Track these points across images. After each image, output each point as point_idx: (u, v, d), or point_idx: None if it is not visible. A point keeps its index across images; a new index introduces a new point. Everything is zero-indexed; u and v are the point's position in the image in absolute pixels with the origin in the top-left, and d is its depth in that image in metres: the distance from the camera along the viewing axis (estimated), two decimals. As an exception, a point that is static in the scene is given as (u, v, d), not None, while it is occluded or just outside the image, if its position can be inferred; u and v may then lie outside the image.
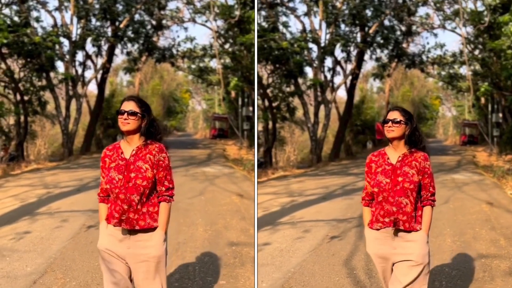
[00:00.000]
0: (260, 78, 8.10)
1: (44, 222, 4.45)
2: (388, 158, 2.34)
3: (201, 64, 8.88)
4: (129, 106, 2.22)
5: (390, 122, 2.29)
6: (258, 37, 7.43)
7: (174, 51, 8.78)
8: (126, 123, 2.21)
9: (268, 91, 8.34)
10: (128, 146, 2.27)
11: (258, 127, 8.50)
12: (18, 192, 5.59)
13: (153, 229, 2.24)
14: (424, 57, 9.85)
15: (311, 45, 8.30)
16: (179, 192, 5.37)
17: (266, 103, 8.25)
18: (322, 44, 8.33)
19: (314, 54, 8.38)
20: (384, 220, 2.28)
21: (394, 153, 2.34)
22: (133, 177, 2.20)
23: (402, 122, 2.29)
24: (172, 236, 4.00)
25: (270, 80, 8.39)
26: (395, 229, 2.28)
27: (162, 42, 8.85)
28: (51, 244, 3.89)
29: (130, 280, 2.30)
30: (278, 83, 8.46)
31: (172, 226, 4.33)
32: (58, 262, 3.51)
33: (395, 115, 2.30)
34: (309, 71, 8.49)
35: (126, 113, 2.20)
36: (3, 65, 8.18)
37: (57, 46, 8.25)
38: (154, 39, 8.66)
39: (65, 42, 8.44)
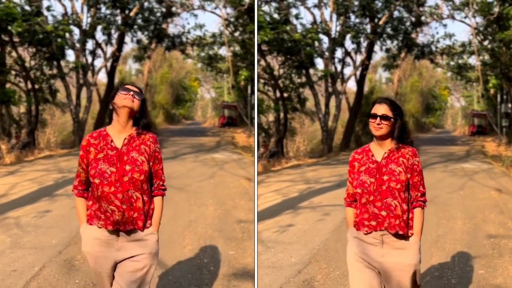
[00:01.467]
0: (272, 69, 8.54)
1: (307, 216, 4.80)
2: (372, 155, 2.21)
3: (211, 52, 9.28)
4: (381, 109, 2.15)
5: (378, 119, 2.14)
6: (271, 29, 7.83)
7: (184, 39, 9.18)
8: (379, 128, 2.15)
9: (279, 82, 8.78)
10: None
11: (269, 118, 8.96)
12: (280, 187, 5.88)
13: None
14: (433, 48, 10.26)
15: (321, 36, 8.73)
16: (190, 176, 5.88)
17: (278, 94, 8.71)
18: (333, 36, 8.77)
19: (325, 46, 8.81)
20: (370, 224, 2.16)
21: (380, 149, 2.20)
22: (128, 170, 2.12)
23: (391, 118, 2.14)
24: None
25: (281, 71, 8.83)
26: (384, 235, 2.15)
27: (171, 29, 9.25)
28: (314, 236, 4.21)
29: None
30: (289, 74, 8.90)
31: (183, 206, 4.79)
32: (322, 253, 3.83)
33: (383, 109, 2.15)
34: (319, 62, 8.95)
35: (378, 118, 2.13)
36: (14, 54, 8.59)
37: (67, 35, 8.67)
38: (164, 26, 9.06)
39: (75, 30, 8.84)
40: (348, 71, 9.67)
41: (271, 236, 4.31)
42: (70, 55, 8.93)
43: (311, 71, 8.75)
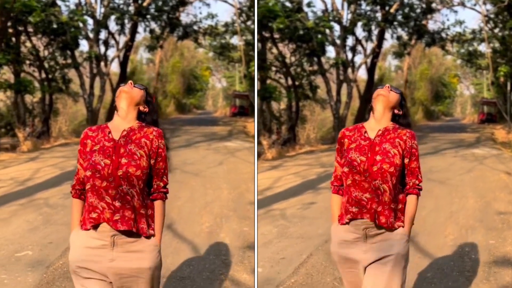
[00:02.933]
0: (283, 57, 8.99)
1: (327, 195, 5.13)
2: (365, 132, 2.09)
3: (223, 41, 9.69)
4: None
5: (387, 86, 2.12)
6: (285, 17, 8.24)
7: (196, 28, 9.60)
8: None
9: (291, 69, 9.23)
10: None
11: (280, 105, 9.41)
12: (298, 170, 6.22)
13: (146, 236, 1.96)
14: (443, 35, 10.65)
15: (333, 24, 9.17)
16: (203, 162, 6.35)
17: (289, 81, 9.16)
18: (344, 24, 9.20)
19: (336, 34, 9.25)
20: (352, 210, 2.02)
21: (375, 126, 2.10)
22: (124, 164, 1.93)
23: (398, 93, 2.13)
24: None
25: (293, 59, 9.28)
26: (367, 227, 2.01)
27: (184, 18, 9.67)
28: None
29: None
30: (300, 62, 9.34)
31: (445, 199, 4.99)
32: None
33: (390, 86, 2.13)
34: (330, 50, 9.40)
35: None
36: (28, 43, 9.03)
37: (81, 25, 9.11)
38: (176, 15, 9.48)
39: (89, 20, 9.29)
40: (358, 59, 10.13)
41: (296, 212, 4.79)
42: (84, 45, 9.39)
43: (323, 59, 9.20)
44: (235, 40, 9.49)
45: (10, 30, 8.64)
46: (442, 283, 3.25)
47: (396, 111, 2.13)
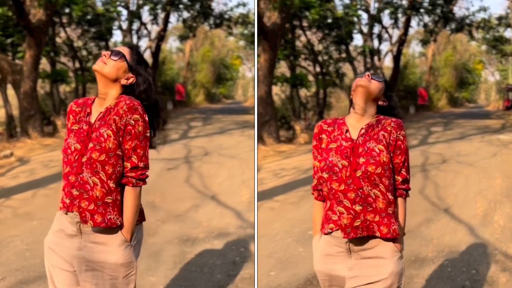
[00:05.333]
0: (312, 45, 9.74)
1: None
2: (347, 131, 1.92)
3: (496, 34, 10.18)
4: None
5: (367, 74, 1.96)
6: (312, 6, 8.95)
7: (468, 21, 10.43)
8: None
9: (319, 57, 9.99)
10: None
11: (307, 92, 10.15)
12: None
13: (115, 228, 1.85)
14: (467, 21, 11.29)
15: (360, 12, 9.90)
16: (476, 153, 7.06)
17: (317, 69, 9.92)
18: (372, 12, 9.93)
19: (363, 22, 9.99)
20: (65, 201, 1.88)
21: (357, 123, 1.94)
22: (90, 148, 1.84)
23: (123, 58, 1.89)
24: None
25: (320, 46, 10.02)
26: (352, 239, 1.86)
27: (216, 7, 10.33)
28: None
29: None
30: (327, 50, 10.08)
31: None
32: None
33: (121, 49, 1.94)
34: (358, 38, 10.15)
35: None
36: (62, 34, 9.83)
37: (114, 15, 9.89)
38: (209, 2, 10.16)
39: (124, 12, 10.08)
40: (383, 46, 10.84)
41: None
42: (118, 35, 10.20)
43: (350, 47, 9.94)
44: (509, 33, 10.08)
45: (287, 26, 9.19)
46: (475, 244, 4.03)
47: (380, 102, 1.96)
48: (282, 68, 9.62)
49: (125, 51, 1.92)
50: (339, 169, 1.84)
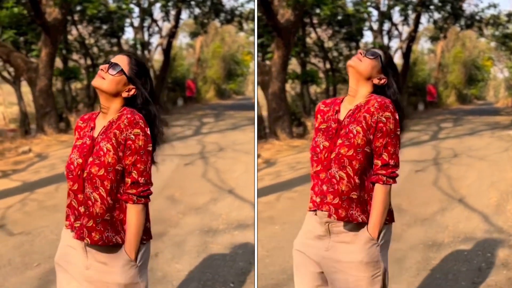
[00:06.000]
0: (322, 42, 9.97)
1: None
2: (337, 112, 1.95)
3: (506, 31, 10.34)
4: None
5: (359, 51, 1.96)
6: (324, 3, 9.19)
7: (478, 18, 10.60)
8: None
9: (328, 54, 10.23)
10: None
11: (316, 89, 10.36)
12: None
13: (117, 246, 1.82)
14: (477, 18, 11.48)
15: (370, 9, 10.14)
16: (487, 148, 7.09)
17: (327, 65, 10.15)
18: (382, 9, 10.16)
19: (373, 19, 10.22)
20: (315, 200, 1.93)
21: (349, 104, 1.95)
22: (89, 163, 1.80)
23: (379, 57, 1.92)
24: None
25: (331, 43, 10.25)
26: (328, 221, 1.88)
27: (226, 3, 10.55)
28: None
29: None
30: (337, 46, 10.31)
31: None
32: (404, 186, 5.03)
33: (119, 59, 1.90)
34: (368, 34, 10.37)
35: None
36: (74, 31, 10.08)
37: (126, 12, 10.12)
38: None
39: (136, 9, 10.32)
40: (393, 43, 11.06)
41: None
42: (129, 32, 10.45)
43: (360, 43, 10.17)
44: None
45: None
46: (489, 231, 4.27)
47: (375, 81, 1.93)
48: (292, 65, 9.85)
49: (124, 61, 1.88)
50: (320, 150, 1.90)
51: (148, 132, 1.81)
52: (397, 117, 1.84)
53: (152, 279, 3.21)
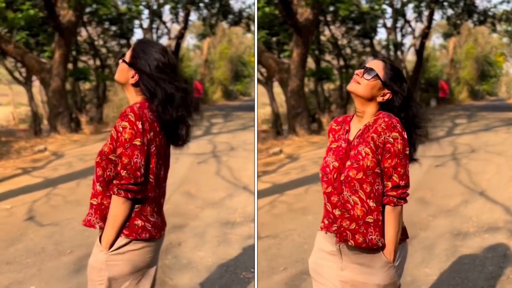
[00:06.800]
0: (336, 39, 10.20)
1: None
2: (347, 132, 1.97)
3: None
4: None
5: (356, 73, 1.93)
6: (339, 1, 9.40)
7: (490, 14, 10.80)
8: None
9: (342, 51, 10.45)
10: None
11: (329, 86, 10.58)
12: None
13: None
14: (490, 13, 11.66)
15: (384, 7, 10.36)
16: (504, 143, 7.25)
17: (341, 62, 10.37)
18: (396, 6, 10.39)
19: (387, 16, 10.44)
20: (324, 221, 1.96)
21: (358, 123, 1.96)
22: None
23: (376, 75, 1.89)
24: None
25: (344, 41, 10.47)
26: (341, 244, 1.90)
27: (234, 5, 10.87)
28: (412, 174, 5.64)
29: None
30: (350, 43, 10.53)
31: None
32: (424, 183, 5.30)
33: (374, 64, 1.94)
34: (382, 31, 10.61)
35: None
36: (84, 33, 10.31)
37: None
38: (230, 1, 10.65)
39: (145, 11, 10.57)
40: (406, 40, 11.27)
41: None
42: (138, 33, 10.67)
43: (374, 41, 10.40)
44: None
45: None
46: (511, 222, 4.49)
47: (379, 99, 1.92)
48: (307, 62, 10.07)
49: (379, 66, 1.91)
50: (329, 170, 1.90)
51: (405, 135, 1.84)
52: (405, 135, 1.83)
53: (178, 265, 3.39)
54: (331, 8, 9.53)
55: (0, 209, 4.92)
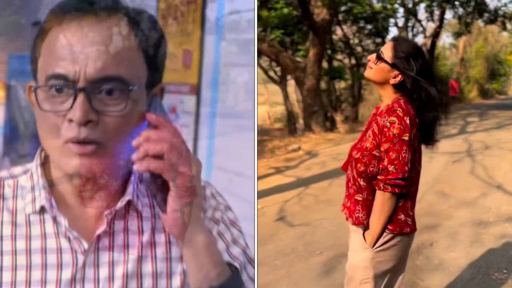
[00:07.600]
0: (348, 38, 10.54)
1: None
2: (375, 114, 2.03)
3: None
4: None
5: (369, 58, 1.95)
6: (351, 1, 9.72)
7: (501, 13, 10.89)
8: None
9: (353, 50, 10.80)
10: None
11: (340, 85, 10.92)
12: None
13: None
14: (500, 12, 11.98)
15: (396, 6, 10.70)
16: None
17: (353, 61, 10.72)
18: (408, 6, 10.73)
19: (399, 15, 10.78)
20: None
21: (382, 107, 2.01)
22: None
23: (382, 59, 1.89)
24: None
25: (356, 40, 10.81)
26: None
27: (490, 3, 10.98)
28: (426, 170, 5.76)
29: None
30: (361, 42, 10.87)
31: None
32: (441, 178, 5.43)
33: (385, 46, 1.92)
34: (393, 30, 10.94)
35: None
36: (339, 31, 10.53)
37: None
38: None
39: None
40: (417, 39, 11.61)
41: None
42: (393, 31, 11.01)
43: (386, 40, 10.73)
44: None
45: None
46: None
47: (392, 80, 1.92)
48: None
49: (388, 47, 1.88)
50: (349, 153, 2.01)
51: (407, 120, 1.81)
52: (406, 121, 1.81)
53: (429, 266, 3.66)
54: (343, 8, 9.87)
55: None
